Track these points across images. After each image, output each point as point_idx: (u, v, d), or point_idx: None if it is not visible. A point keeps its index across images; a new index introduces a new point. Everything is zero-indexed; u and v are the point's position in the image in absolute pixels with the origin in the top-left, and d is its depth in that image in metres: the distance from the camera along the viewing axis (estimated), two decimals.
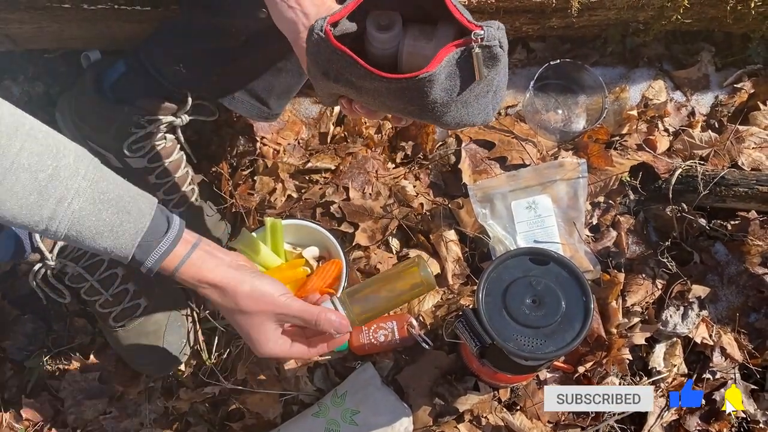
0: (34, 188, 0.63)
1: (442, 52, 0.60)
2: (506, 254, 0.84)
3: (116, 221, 0.68)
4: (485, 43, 0.59)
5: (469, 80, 0.62)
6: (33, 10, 1.08)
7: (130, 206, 0.70)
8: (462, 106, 0.65)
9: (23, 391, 1.13)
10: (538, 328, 0.78)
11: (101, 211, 0.67)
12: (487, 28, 0.59)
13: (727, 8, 1.15)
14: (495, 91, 0.67)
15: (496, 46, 0.60)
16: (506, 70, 0.67)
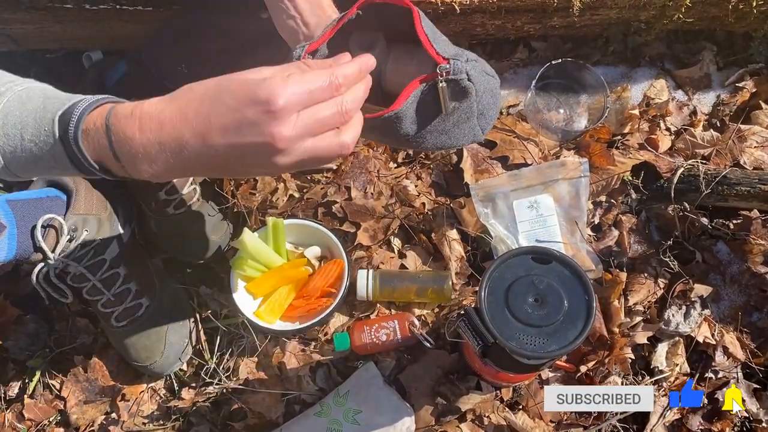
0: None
1: (409, 88, 0.60)
2: (508, 253, 0.83)
3: (39, 107, 0.60)
4: (451, 77, 0.60)
5: (438, 111, 0.62)
6: (35, 11, 1.09)
7: (62, 95, 0.62)
8: (440, 134, 0.66)
9: (25, 391, 1.14)
10: (541, 327, 0.78)
11: (26, 104, 0.61)
12: (454, 61, 0.60)
13: (729, 7, 1.15)
14: (481, 113, 0.67)
15: (464, 79, 0.60)
16: (495, 92, 0.67)
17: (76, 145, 0.58)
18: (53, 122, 0.58)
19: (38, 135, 0.59)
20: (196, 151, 0.56)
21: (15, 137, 0.59)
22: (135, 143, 0.57)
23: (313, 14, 0.74)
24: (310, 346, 1.11)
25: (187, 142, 0.56)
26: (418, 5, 1.12)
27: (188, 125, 0.56)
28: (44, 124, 0.59)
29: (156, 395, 1.13)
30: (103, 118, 0.58)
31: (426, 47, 0.62)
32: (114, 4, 1.09)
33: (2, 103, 0.60)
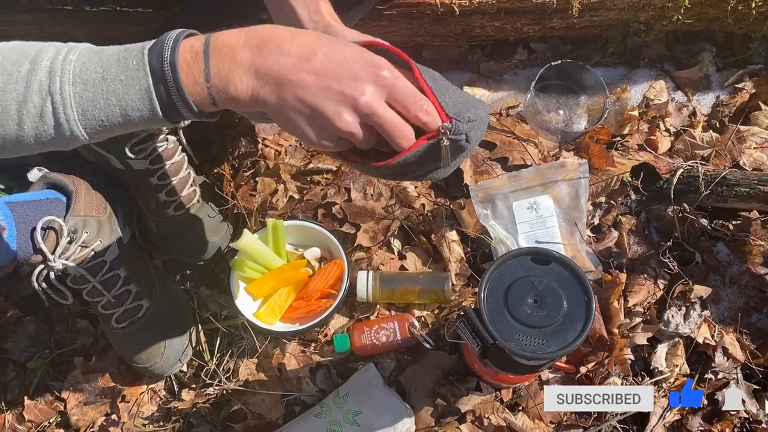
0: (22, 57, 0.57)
1: (415, 143, 0.65)
2: (508, 254, 0.84)
3: (120, 49, 0.58)
4: (451, 137, 0.64)
5: (437, 161, 0.67)
6: (35, 12, 1.09)
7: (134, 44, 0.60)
8: (435, 173, 0.71)
9: (25, 393, 1.14)
10: (540, 328, 0.78)
11: (102, 51, 0.58)
12: (456, 122, 0.64)
13: (728, 8, 1.15)
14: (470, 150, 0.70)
15: (462, 140, 0.65)
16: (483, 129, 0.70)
17: (172, 71, 0.56)
18: (143, 54, 0.57)
19: (124, 71, 0.57)
20: (288, 70, 0.58)
21: (96, 81, 0.57)
22: (236, 49, 0.57)
23: (311, 20, 0.74)
24: (310, 347, 1.11)
25: (286, 56, 0.58)
26: (418, 7, 1.13)
27: (294, 44, 0.58)
28: (131, 59, 0.57)
29: (156, 396, 1.13)
30: (202, 39, 0.58)
31: (433, 102, 0.64)
32: (114, 6, 1.09)
33: (76, 53, 0.57)
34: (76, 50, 0.57)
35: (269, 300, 1.08)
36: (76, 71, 0.56)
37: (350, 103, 0.59)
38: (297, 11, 0.74)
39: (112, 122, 0.59)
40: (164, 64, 0.56)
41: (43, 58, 0.56)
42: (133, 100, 0.57)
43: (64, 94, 0.56)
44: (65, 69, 0.56)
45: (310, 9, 0.74)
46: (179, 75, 0.56)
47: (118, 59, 0.57)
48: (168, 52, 0.56)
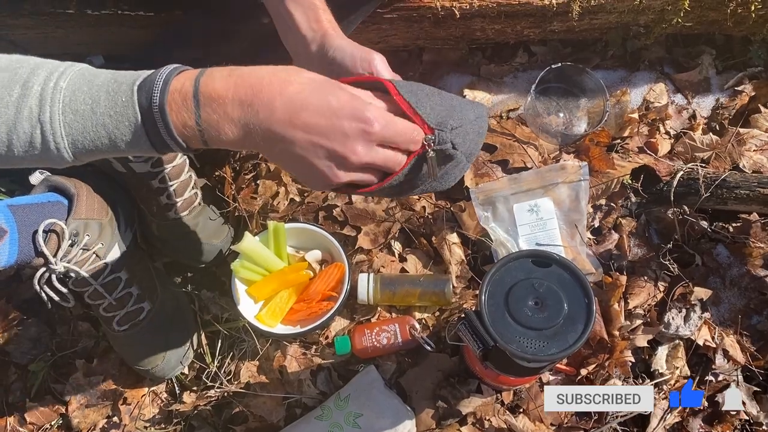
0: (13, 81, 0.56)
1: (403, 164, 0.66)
2: (508, 257, 0.84)
3: (110, 80, 0.58)
4: (436, 147, 0.65)
5: (428, 175, 0.68)
6: (37, 16, 1.09)
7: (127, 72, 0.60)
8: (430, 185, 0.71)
9: (27, 395, 1.14)
10: (541, 330, 0.78)
11: (92, 80, 0.58)
12: (438, 132, 0.65)
13: (728, 11, 1.16)
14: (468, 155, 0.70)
15: (449, 148, 0.66)
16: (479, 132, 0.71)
17: (160, 112, 0.56)
18: (132, 91, 0.56)
19: (113, 107, 0.57)
20: (277, 125, 0.58)
21: (85, 113, 0.57)
22: (227, 100, 0.57)
23: (310, 29, 0.75)
24: (311, 349, 1.11)
25: (274, 112, 0.57)
26: (418, 10, 1.13)
27: (283, 98, 0.57)
28: (121, 95, 0.57)
29: (157, 399, 1.13)
30: (192, 79, 0.57)
31: (413, 118, 0.65)
32: (116, 9, 1.09)
33: (66, 80, 0.57)
34: (67, 76, 0.57)
35: (270, 302, 1.08)
36: (66, 101, 0.56)
37: (341, 161, 0.60)
38: (296, 19, 0.75)
39: (102, 150, 0.59)
40: (153, 106, 0.56)
41: (34, 83, 0.56)
42: (123, 134, 0.58)
43: (54, 123, 0.56)
44: (55, 97, 0.56)
45: (309, 17, 0.75)
46: (168, 117, 0.56)
47: (107, 92, 0.57)
48: (157, 94, 0.56)
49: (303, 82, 0.59)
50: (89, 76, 0.58)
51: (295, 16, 0.75)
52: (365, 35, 1.19)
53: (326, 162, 0.60)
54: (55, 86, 0.56)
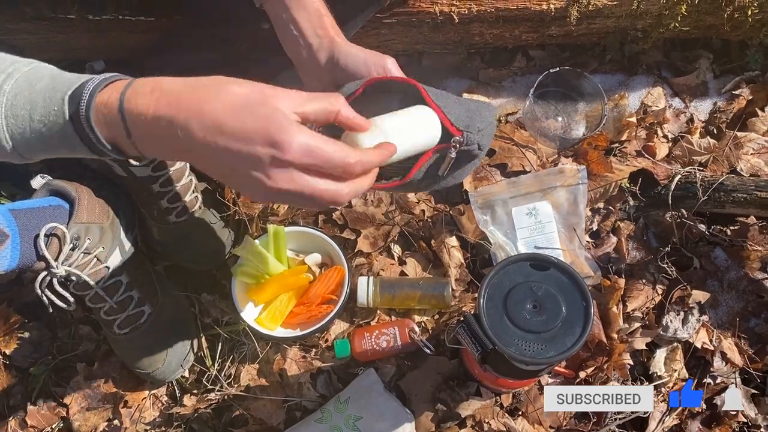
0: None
1: (422, 159, 0.68)
2: (507, 260, 0.84)
3: (48, 86, 0.58)
4: (464, 148, 0.67)
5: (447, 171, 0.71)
6: (39, 21, 1.10)
7: (70, 75, 0.60)
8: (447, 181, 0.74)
9: (28, 399, 1.14)
10: (539, 333, 0.79)
11: (34, 84, 0.59)
12: (467, 134, 0.66)
13: (725, 16, 1.16)
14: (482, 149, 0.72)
15: (475, 149, 0.68)
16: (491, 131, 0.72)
17: (87, 123, 0.56)
18: (63, 101, 0.57)
19: (47, 115, 0.57)
20: (198, 142, 0.56)
21: (23, 118, 0.58)
22: (148, 118, 0.56)
23: (316, 35, 0.74)
24: (311, 352, 1.12)
25: (193, 131, 0.55)
26: (417, 15, 1.14)
27: (201, 118, 0.55)
28: (53, 104, 0.57)
29: (158, 402, 1.14)
30: (118, 93, 0.57)
31: (442, 119, 0.67)
32: (116, 15, 1.10)
33: (10, 84, 0.58)
34: (12, 78, 0.58)
35: (270, 306, 1.08)
36: (8, 104, 0.57)
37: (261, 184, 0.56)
38: (301, 27, 0.74)
39: (46, 153, 0.60)
40: (81, 118, 0.57)
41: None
42: (57, 142, 0.59)
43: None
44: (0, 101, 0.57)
45: (315, 24, 0.74)
46: (96, 130, 0.57)
47: (44, 98, 0.57)
48: (83, 108, 0.56)
49: (223, 99, 0.56)
50: (32, 80, 0.59)
51: (301, 23, 0.74)
52: (365, 40, 1.20)
53: (251, 183, 0.57)
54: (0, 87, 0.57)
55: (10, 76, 0.58)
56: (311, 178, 0.57)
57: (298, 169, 0.56)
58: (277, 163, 0.55)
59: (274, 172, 0.56)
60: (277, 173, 0.56)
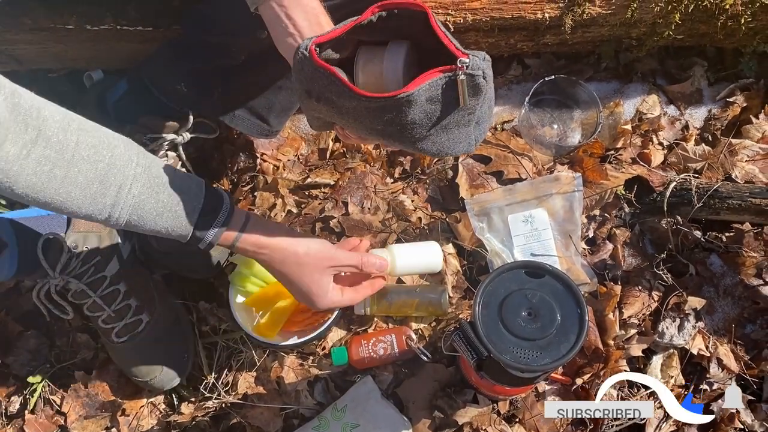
0: (95, 178, 0.68)
1: (425, 76, 0.61)
2: (502, 268, 0.85)
3: (173, 201, 0.74)
4: (469, 71, 0.61)
5: (451, 106, 0.63)
6: (38, 31, 1.11)
7: (183, 186, 0.76)
8: (443, 132, 0.66)
9: (26, 407, 1.14)
10: (534, 341, 0.79)
11: (158, 193, 0.73)
12: (473, 57, 0.61)
13: (718, 24, 1.17)
14: (477, 122, 0.68)
15: (480, 76, 0.61)
16: (491, 103, 0.68)
17: (206, 245, 0.81)
18: (190, 228, 0.78)
19: (174, 228, 0.76)
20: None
21: (148, 220, 0.73)
22: (249, 254, 0.85)
23: (312, 31, 0.74)
24: (308, 360, 1.12)
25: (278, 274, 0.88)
26: None
27: (286, 270, 0.86)
28: (180, 226, 0.76)
29: (156, 410, 1.14)
30: (233, 238, 0.81)
31: (446, 43, 0.62)
32: (114, 25, 1.11)
33: (138, 188, 0.71)
34: (138, 184, 0.72)
35: (268, 314, 1.09)
36: (135, 205, 0.72)
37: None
38: (299, 24, 0.73)
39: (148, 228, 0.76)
40: (202, 242, 0.81)
41: (111, 185, 0.70)
42: (171, 238, 0.79)
43: (120, 221, 0.72)
44: (127, 202, 0.71)
45: (311, 22, 0.74)
46: (211, 246, 0.82)
47: (170, 212, 0.75)
48: (206, 241, 0.80)
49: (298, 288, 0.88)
50: (155, 187, 0.73)
51: (298, 21, 0.74)
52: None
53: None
54: (128, 192, 0.71)
55: (135, 180, 0.71)
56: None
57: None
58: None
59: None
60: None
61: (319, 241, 0.88)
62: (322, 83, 0.65)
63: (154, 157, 0.76)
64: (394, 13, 0.65)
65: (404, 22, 0.66)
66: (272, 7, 0.74)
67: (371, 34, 0.67)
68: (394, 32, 0.68)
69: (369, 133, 0.69)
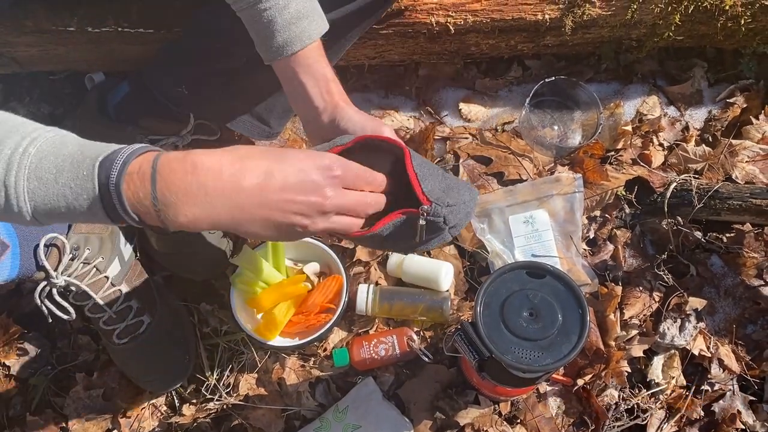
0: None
1: (391, 216, 0.70)
2: (503, 268, 0.85)
3: (77, 151, 0.59)
4: (430, 218, 0.70)
5: (414, 236, 0.73)
6: (39, 34, 1.11)
7: (98, 143, 0.61)
8: (413, 246, 0.76)
9: (27, 409, 1.14)
10: (536, 341, 0.79)
11: (61, 148, 0.59)
12: (435, 206, 0.70)
13: (718, 25, 1.18)
14: (451, 228, 0.74)
15: (440, 222, 0.71)
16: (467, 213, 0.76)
17: (116, 190, 0.58)
18: (94, 166, 0.58)
19: (74, 179, 0.58)
20: (249, 200, 0.60)
21: (48, 181, 0.58)
22: (185, 184, 0.58)
23: (322, 99, 0.79)
24: (310, 361, 1.12)
25: (244, 189, 0.60)
26: (413, 26, 1.15)
27: (249, 174, 0.60)
28: (83, 168, 0.58)
29: (157, 412, 1.14)
30: (149, 162, 0.58)
31: (414, 186, 0.70)
32: (116, 27, 1.11)
33: (36, 146, 0.58)
34: (38, 143, 0.58)
35: (269, 315, 1.09)
36: (32, 167, 0.57)
37: (318, 208, 0.63)
38: (308, 90, 0.78)
39: (63, 218, 0.60)
40: (110, 183, 0.57)
41: (4, 147, 0.57)
42: (81, 206, 0.59)
43: (18, 188, 0.57)
44: (22, 163, 0.57)
45: (321, 89, 0.78)
46: (123, 195, 0.57)
47: (72, 163, 0.58)
48: (115, 173, 0.57)
49: (258, 155, 0.62)
50: (58, 145, 0.59)
51: (308, 87, 0.78)
52: (362, 51, 1.21)
53: (301, 217, 0.63)
54: (24, 152, 0.57)
55: (34, 141, 0.58)
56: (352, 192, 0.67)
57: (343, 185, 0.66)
58: (332, 181, 0.64)
59: (329, 191, 0.64)
60: (332, 191, 0.64)
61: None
62: None
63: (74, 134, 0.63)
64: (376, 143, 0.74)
65: (388, 148, 0.74)
66: (286, 68, 0.79)
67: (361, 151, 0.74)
68: (381, 151, 0.75)
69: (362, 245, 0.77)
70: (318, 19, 0.80)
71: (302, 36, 0.77)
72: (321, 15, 0.81)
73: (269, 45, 0.78)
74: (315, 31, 0.79)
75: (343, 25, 0.96)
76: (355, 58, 1.25)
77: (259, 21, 0.77)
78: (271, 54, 0.79)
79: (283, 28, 0.76)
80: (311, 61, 0.79)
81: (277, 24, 0.76)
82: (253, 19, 0.78)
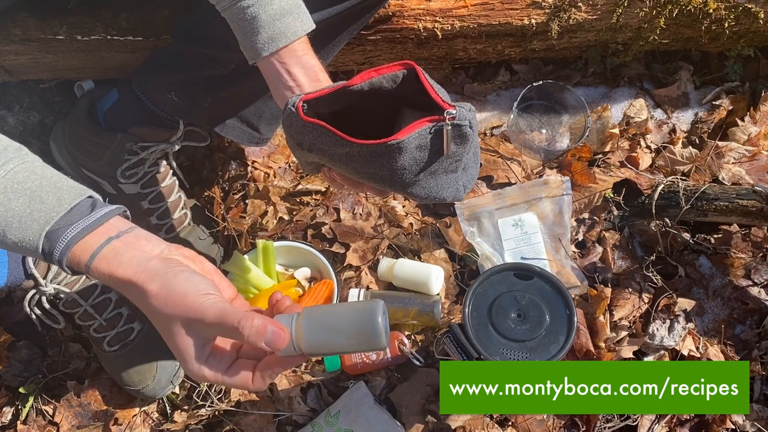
0: None
1: (415, 125, 0.66)
2: (491, 270, 0.86)
3: (26, 210, 0.60)
4: (456, 122, 0.66)
5: (437, 154, 0.68)
6: (28, 42, 1.11)
7: (48, 196, 0.61)
8: (431, 178, 0.71)
9: (18, 418, 1.14)
10: (524, 342, 0.80)
11: (11, 200, 0.60)
12: (459, 108, 0.66)
13: (702, 28, 1.19)
14: (465, 169, 0.72)
15: (466, 126, 0.66)
16: (477, 150, 0.73)
17: (58, 261, 0.61)
18: (40, 236, 0.60)
19: (22, 240, 0.60)
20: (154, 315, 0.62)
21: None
22: (109, 282, 0.62)
23: (311, 87, 0.77)
24: (301, 366, 1.12)
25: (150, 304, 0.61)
26: (401, 31, 1.16)
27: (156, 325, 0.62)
28: (29, 234, 0.60)
29: (149, 419, 1.14)
30: (88, 255, 0.61)
31: (434, 97, 0.67)
32: (105, 35, 1.11)
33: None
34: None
35: None
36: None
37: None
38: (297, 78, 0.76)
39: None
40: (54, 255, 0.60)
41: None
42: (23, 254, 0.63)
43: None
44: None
45: (310, 77, 0.77)
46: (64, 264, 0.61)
47: (20, 223, 0.60)
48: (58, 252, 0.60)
49: (163, 311, 0.61)
50: (10, 193, 0.60)
51: (297, 75, 0.77)
52: (350, 57, 1.22)
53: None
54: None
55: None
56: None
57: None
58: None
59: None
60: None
61: (190, 279, 0.60)
62: (312, 135, 0.69)
63: (37, 164, 0.64)
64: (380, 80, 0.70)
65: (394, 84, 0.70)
66: (273, 64, 0.77)
67: (364, 95, 0.71)
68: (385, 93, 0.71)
69: (360, 176, 0.72)
70: (303, 17, 0.78)
71: (287, 32, 0.76)
72: (306, 13, 0.79)
73: (254, 42, 0.76)
74: (300, 28, 0.77)
75: (330, 28, 0.97)
76: (343, 64, 1.25)
77: (242, 18, 0.76)
78: (255, 52, 0.77)
79: (267, 24, 0.75)
80: (299, 54, 0.77)
81: (261, 20, 0.75)
82: (236, 18, 0.77)
